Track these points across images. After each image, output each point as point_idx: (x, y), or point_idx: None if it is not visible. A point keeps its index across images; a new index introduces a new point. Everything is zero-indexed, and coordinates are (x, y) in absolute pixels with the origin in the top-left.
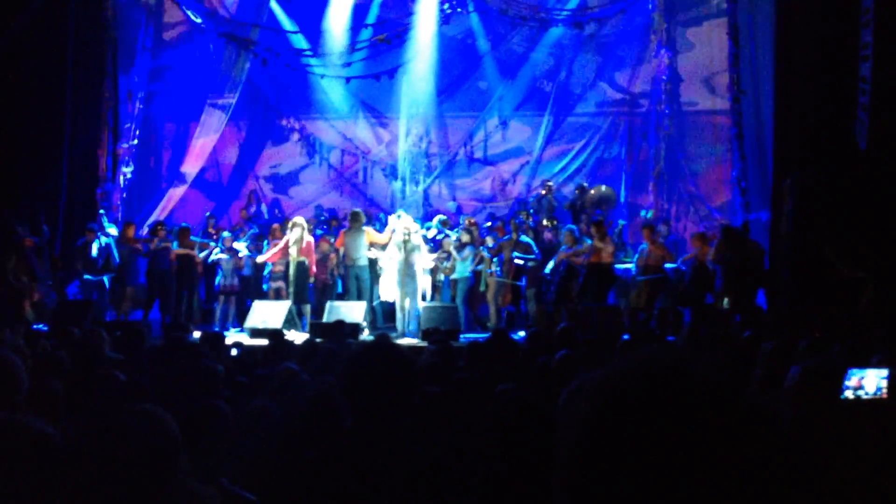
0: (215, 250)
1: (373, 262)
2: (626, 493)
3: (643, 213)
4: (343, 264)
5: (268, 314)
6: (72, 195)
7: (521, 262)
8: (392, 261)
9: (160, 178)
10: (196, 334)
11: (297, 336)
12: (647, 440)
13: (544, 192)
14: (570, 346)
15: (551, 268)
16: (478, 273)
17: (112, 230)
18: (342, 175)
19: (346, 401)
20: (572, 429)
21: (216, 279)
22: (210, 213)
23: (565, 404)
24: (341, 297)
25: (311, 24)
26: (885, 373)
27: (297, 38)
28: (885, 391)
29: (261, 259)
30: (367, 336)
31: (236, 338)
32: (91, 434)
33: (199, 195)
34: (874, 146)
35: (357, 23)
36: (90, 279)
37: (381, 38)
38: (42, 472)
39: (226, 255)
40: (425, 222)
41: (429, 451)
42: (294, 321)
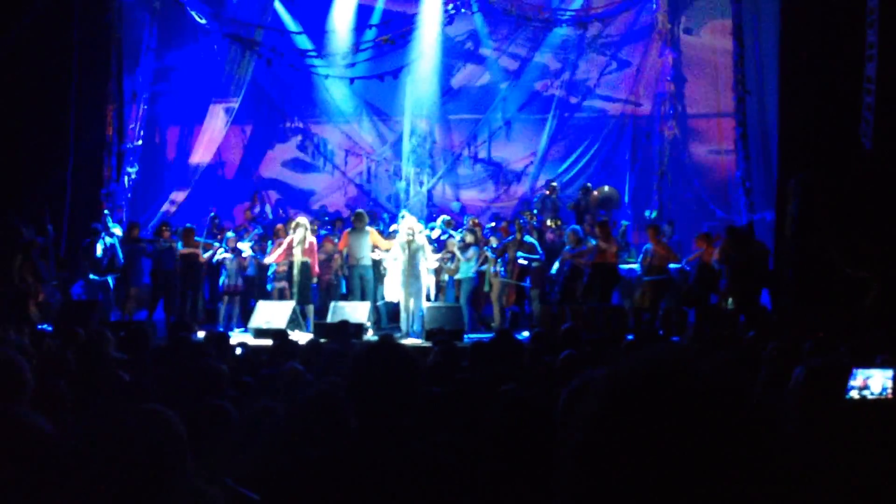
0: (219, 250)
1: (376, 263)
2: (633, 492)
3: (647, 213)
4: (347, 264)
5: (272, 314)
6: (76, 196)
7: (525, 263)
8: (396, 261)
9: (164, 178)
10: (200, 334)
11: (301, 336)
12: (654, 440)
13: (548, 192)
14: (575, 347)
15: (557, 268)
16: (482, 273)
17: (117, 230)
18: (346, 175)
19: (350, 401)
20: (579, 428)
21: (220, 279)
22: (214, 214)
23: (566, 404)
24: (345, 298)
25: (315, 24)
26: (890, 373)
27: (301, 38)
28: (890, 391)
29: (268, 260)
30: (371, 336)
31: (240, 338)
32: (98, 434)
33: (204, 196)
34: (879, 146)
35: (361, 23)
36: (95, 279)
37: (386, 38)
38: (37, 464)
39: (230, 255)
40: (429, 222)
41: (433, 451)
42: (298, 321)
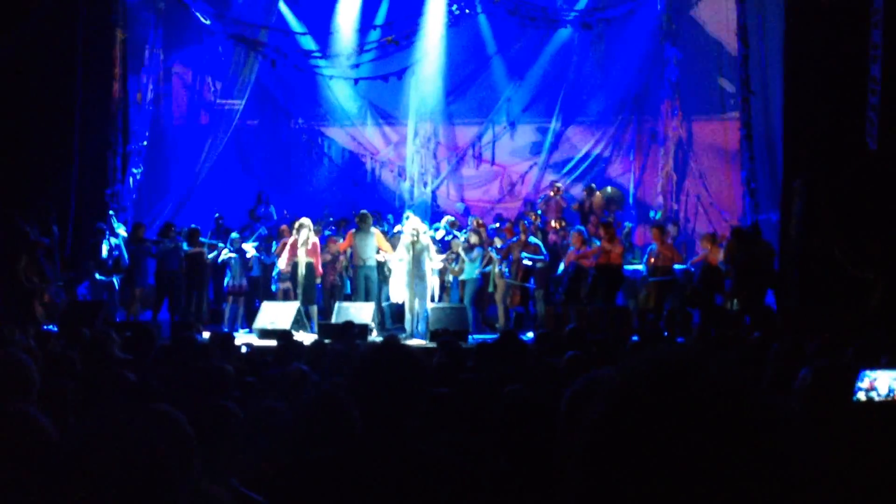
0: (224, 251)
1: (381, 263)
2: (641, 493)
3: (651, 213)
4: (352, 265)
5: (276, 315)
6: (81, 196)
7: (530, 264)
8: (401, 262)
9: (169, 179)
10: (205, 335)
11: (306, 337)
12: (661, 440)
13: (552, 193)
14: (579, 348)
15: (561, 269)
16: (486, 274)
17: (122, 231)
18: (350, 176)
19: (355, 402)
20: (586, 430)
21: (225, 280)
22: (219, 214)
23: (568, 405)
24: (349, 298)
25: (319, 25)
26: None
27: (305, 39)
28: None
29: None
30: (376, 337)
31: (245, 339)
32: (104, 434)
33: (208, 196)
34: (884, 146)
35: (365, 24)
36: (101, 279)
37: (390, 39)
38: (39, 462)
39: (234, 255)
40: (433, 223)
41: (437, 452)
42: (302, 322)
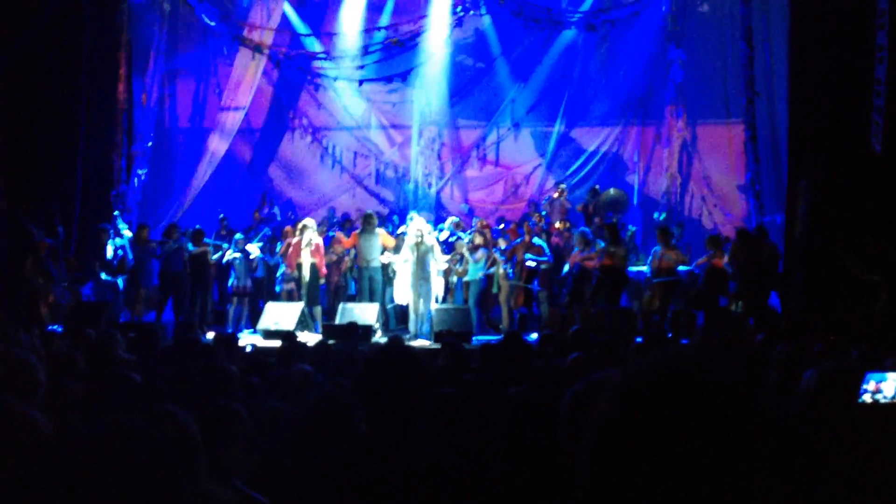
0: (228, 252)
1: (385, 265)
2: (647, 493)
3: (656, 215)
4: (356, 266)
5: (280, 316)
6: (86, 197)
7: (534, 265)
8: (406, 263)
9: (174, 180)
10: (210, 335)
11: (310, 338)
12: (668, 441)
13: (556, 194)
14: (583, 349)
15: (566, 270)
16: (490, 275)
17: (126, 232)
18: (354, 177)
19: (359, 402)
20: (592, 431)
21: (229, 281)
22: (223, 215)
23: (570, 406)
24: (353, 299)
25: (324, 27)
26: None
27: (310, 41)
28: None
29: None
30: (380, 338)
31: (249, 339)
32: (110, 435)
33: (212, 197)
34: (889, 149)
35: (370, 26)
36: (106, 280)
37: (394, 40)
38: (30, 455)
39: (239, 255)
40: (437, 224)
41: (442, 453)
42: (307, 323)
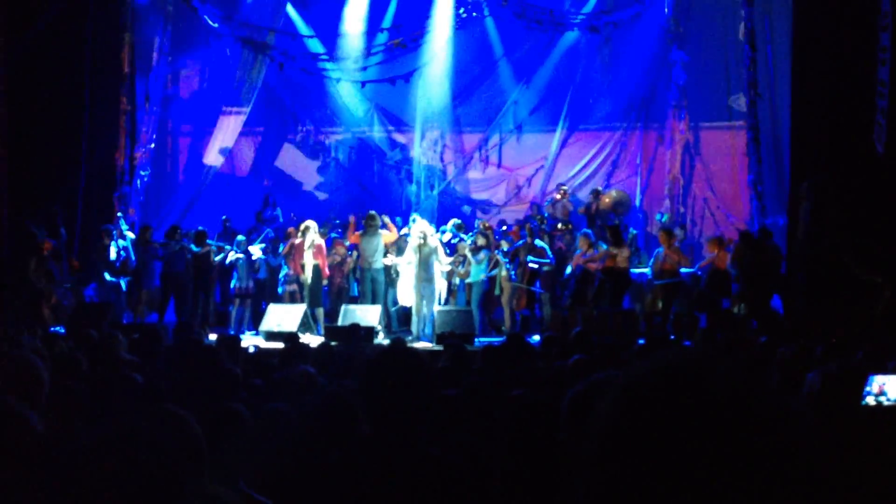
0: (231, 254)
1: (388, 266)
2: (650, 495)
3: (658, 217)
4: (359, 267)
5: (283, 317)
6: (89, 198)
7: (536, 266)
8: (410, 265)
9: (177, 181)
10: (212, 337)
11: (312, 339)
12: (671, 443)
13: (559, 196)
14: (586, 351)
15: (568, 272)
16: (492, 277)
17: (129, 233)
18: (357, 178)
19: (362, 405)
20: (595, 433)
21: (231, 282)
22: (226, 216)
23: (570, 408)
24: (356, 301)
25: (327, 28)
26: None
27: (313, 42)
28: None
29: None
30: (382, 340)
31: (252, 341)
32: (115, 435)
33: (215, 198)
34: (892, 150)
35: (373, 27)
36: (110, 281)
37: (397, 42)
38: (19, 454)
39: (242, 255)
40: (440, 226)
41: (445, 456)
42: (309, 324)
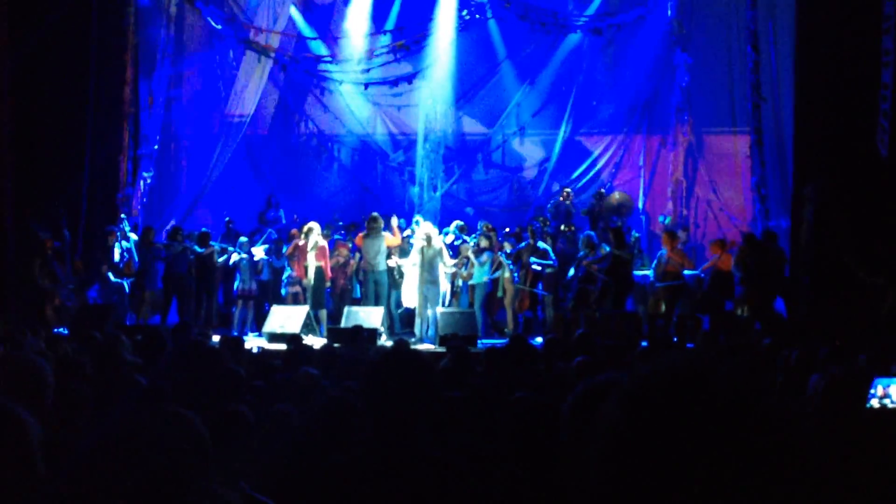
0: (234, 255)
1: (391, 268)
2: (656, 497)
3: (661, 219)
4: (362, 269)
5: (286, 319)
6: (92, 200)
7: (539, 268)
8: (415, 267)
9: (180, 182)
10: (215, 338)
11: (315, 341)
12: (678, 446)
13: (562, 198)
14: (589, 353)
15: (571, 274)
16: (495, 279)
17: (132, 235)
18: (360, 180)
19: (366, 406)
20: (602, 435)
21: (234, 283)
22: (229, 218)
23: (571, 410)
24: (359, 303)
25: (330, 30)
26: None
27: (315, 44)
28: None
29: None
30: (385, 341)
31: (255, 342)
32: (121, 436)
33: (218, 200)
34: (895, 153)
35: (376, 29)
36: (115, 281)
37: (400, 44)
38: (14, 456)
39: (245, 255)
40: (443, 228)
41: (448, 457)
42: (312, 326)
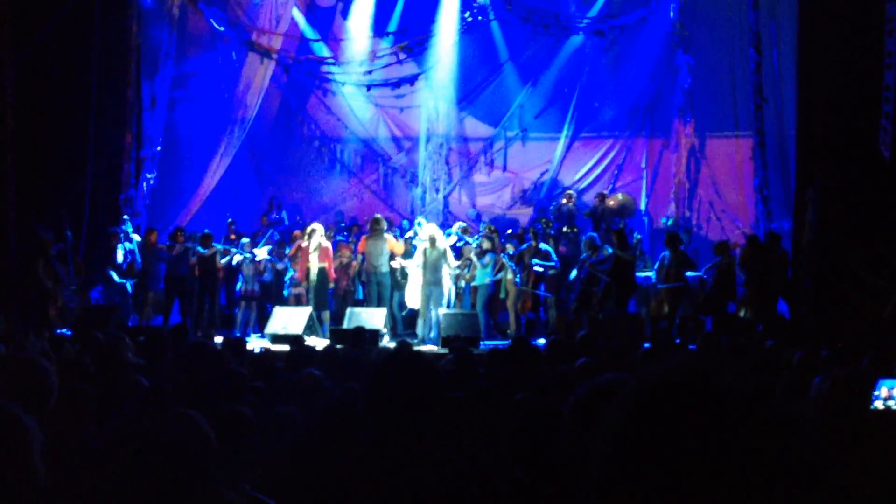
0: (236, 256)
1: (394, 269)
2: (661, 499)
3: (663, 220)
4: (365, 271)
5: (288, 320)
6: (95, 201)
7: (541, 270)
8: (419, 268)
9: (183, 184)
10: (217, 339)
11: (318, 342)
12: (683, 447)
13: (565, 200)
14: (591, 355)
15: (574, 275)
16: (498, 280)
17: (135, 236)
18: (362, 182)
19: (369, 408)
20: (607, 437)
21: (237, 285)
22: (231, 219)
23: (572, 411)
24: (361, 304)
25: (332, 32)
26: None
27: (318, 46)
28: None
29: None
30: (387, 342)
31: (257, 343)
32: (126, 436)
33: (221, 201)
34: None
35: (378, 31)
36: (119, 281)
37: (403, 45)
38: (13, 457)
39: (249, 255)
40: (445, 229)
41: (451, 459)
42: (314, 327)
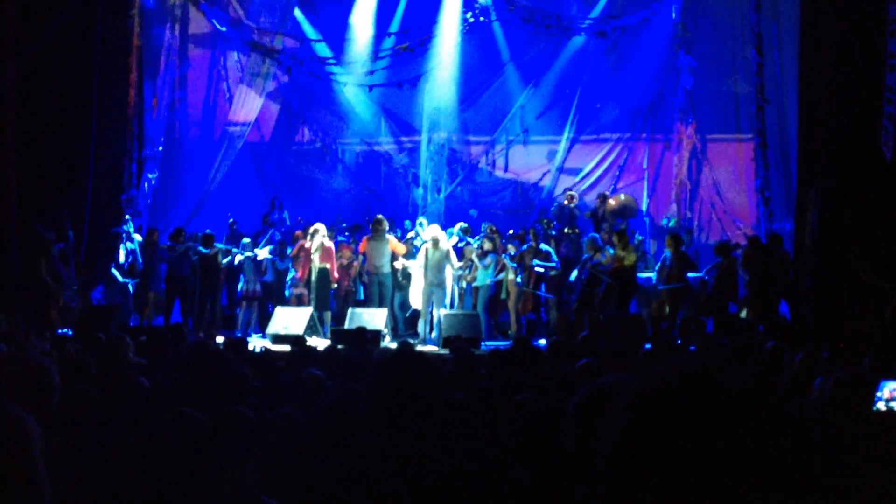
0: (238, 257)
1: (395, 270)
2: (664, 499)
3: (665, 221)
4: (366, 271)
5: (290, 320)
6: (97, 201)
7: (542, 270)
8: (422, 269)
9: (184, 184)
10: (219, 339)
11: (319, 342)
12: (686, 448)
13: (566, 201)
14: (592, 355)
15: (575, 276)
16: (499, 281)
17: (136, 236)
18: (364, 182)
19: (371, 408)
20: (610, 438)
21: (238, 285)
22: (233, 219)
23: (574, 412)
24: (362, 304)
25: (334, 32)
26: None
27: (320, 46)
28: None
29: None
30: (388, 343)
31: (258, 343)
32: (129, 437)
33: (222, 201)
34: None
35: (380, 31)
36: (122, 281)
37: (404, 46)
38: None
39: (250, 254)
40: (446, 230)
41: (453, 460)
42: (316, 327)
